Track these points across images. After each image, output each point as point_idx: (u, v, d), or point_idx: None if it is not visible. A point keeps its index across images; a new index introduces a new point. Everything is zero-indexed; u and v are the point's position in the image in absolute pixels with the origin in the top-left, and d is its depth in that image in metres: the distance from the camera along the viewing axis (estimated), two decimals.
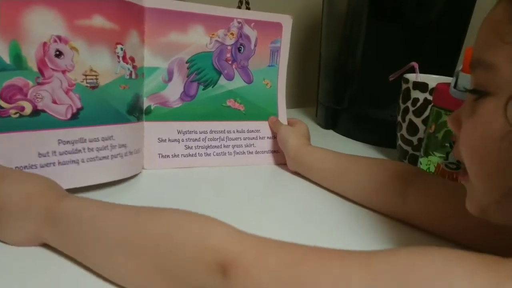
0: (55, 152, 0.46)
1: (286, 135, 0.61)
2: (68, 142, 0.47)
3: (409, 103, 0.67)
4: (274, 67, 0.66)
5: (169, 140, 0.59)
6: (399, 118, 0.70)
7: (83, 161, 0.49)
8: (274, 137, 0.66)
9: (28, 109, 0.45)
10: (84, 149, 0.49)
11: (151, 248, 0.31)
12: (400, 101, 0.69)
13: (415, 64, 0.68)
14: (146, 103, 0.58)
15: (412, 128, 0.67)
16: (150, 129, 0.58)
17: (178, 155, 0.60)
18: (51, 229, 0.36)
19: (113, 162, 0.51)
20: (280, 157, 0.65)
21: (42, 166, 0.45)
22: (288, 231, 0.45)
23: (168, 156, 0.59)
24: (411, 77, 0.69)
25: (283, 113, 0.67)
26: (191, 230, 0.31)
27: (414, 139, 0.67)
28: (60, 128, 0.47)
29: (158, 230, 0.32)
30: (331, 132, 0.88)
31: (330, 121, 0.89)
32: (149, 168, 0.58)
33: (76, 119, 0.48)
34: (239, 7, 0.87)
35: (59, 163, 0.47)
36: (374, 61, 0.80)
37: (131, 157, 0.54)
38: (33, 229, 0.37)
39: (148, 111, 0.58)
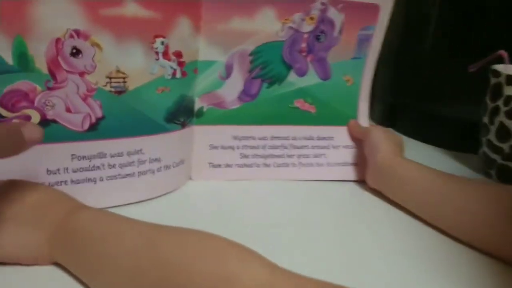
0: (67, 169, 0.39)
1: (380, 139, 0.49)
2: (83, 157, 0.40)
3: (500, 102, 0.53)
4: (359, 60, 0.52)
5: (222, 147, 0.50)
6: (486, 120, 0.56)
7: (101, 180, 0.41)
8: (353, 146, 0.54)
9: (35, 118, 0.37)
10: (103, 165, 0.41)
11: (168, 280, 0.26)
12: (488, 98, 0.56)
13: (503, 53, 0.54)
14: (198, 104, 0.47)
15: (503, 133, 0.54)
16: (201, 134, 0.48)
17: (231, 165, 0.50)
18: (60, 247, 0.31)
19: (140, 180, 0.43)
20: (357, 172, 0.53)
21: (51, 185, 0.39)
22: (362, 271, 0.35)
23: (219, 165, 0.50)
24: (503, 69, 0.54)
25: (364, 118, 0.54)
26: (218, 263, 0.26)
27: (506, 146, 0.54)
28: (74, 141, 0.39)
29: (177, 260, 0.27)
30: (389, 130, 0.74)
31: (389, 118, 0.75)
32: (197, 179, 0.49)
33: (95, 130, 0.40)
34: None
35: (72, 181, 0.40)
36: (447, 47, 0.64)
37: (167, 172, 0.45)
38: (42, 244, 0.32)
39: (200, 113, 0.48)
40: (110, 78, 0.39)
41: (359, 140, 0.53)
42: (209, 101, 0.48)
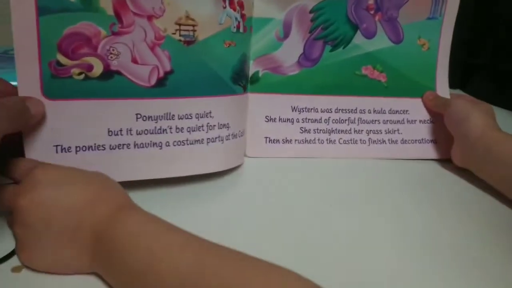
0: (131, 130, 0.34)
1: (466, 110, 0.41)
2: (150, 117, 0.35)
3: None
4: (436, 20, 0.45)
5: (280, 119, 0.44)
6: None
7: (167, 145, 0.36)
8: (431, 121, 0.46)
9: (98, 68, 0.33)
10: (170, 128, 0.36)
11: None
12: None
13: None
14: (252, 68, 0.42)
15: None
16: (256, 103, 0.43)
17: (291, 140, 0.44)
18: (100, 258, 0.25)
19: (209, 148, 0.38)
20: (439, 150, 0.45)
21: (112, 148, 0.33)
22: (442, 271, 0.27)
23: (277, 141, 0.44)
24: None
25: (444, 89, 0.47)
26: None
27: None
28: (140, 98, 0.34)
29: None
30: (458, 93, 0.63)
31: (460, 79, 0.65)
32: (252, 155, 0.43)
33: (162, 86, 0.35)
34: None
35: (135, 145, 0.34)
36: None
37: (234, 142, 0.40)
38: (80, 255, 0.25)
39: (255, 78, 0.43)
40: (180, 25, 0.35)
41: (438, 114, 0.45)
42: (265, 65, 0.43)
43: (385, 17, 0.44)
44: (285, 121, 0.44)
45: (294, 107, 0.44)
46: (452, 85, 0.65)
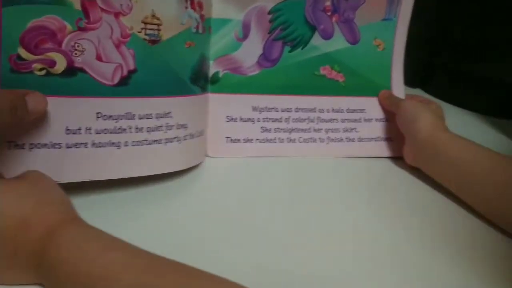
0: (90, 129, 0.33)
1: (415, 111, 0.43)
2: (110, 117, 0.34)
3: None
4: (391, 22, 0.47)
5: (241, 119, 0.44)
6: None
7: (126, 145, 0.35)
8: (387, 119, 0.47)
9: (61, 65, 0.32)
10: (130, 128, 0.35)
11: None
12: None
13: None
14: (212, 69, 0.43)
15: None
16: (217, 103, 0.43)
17: (252, 139, 0.45)
18: (43, 280, 0.24)
19: (167, 148, 0.38)
20: (394, 148, 0.47)
21: (69, 147, 0.33)
22: (400, 265, 0.28)
23: (238, 140, 0.44)
24: None
25: (399, 88, 0.48)
26: None
27: None
28: (102, 96, 0.34)
29: None
30: (419, 91, 0.66)
31: (420, 77, 0.67)
32: (213, 155, 0.44)
33: (125, 85, 0.35)
34: None
35: (93, 144, 0.34)
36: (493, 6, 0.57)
37: (192, 142, 0.40)
38: (24, 276, 0.25)
39: (215, 79, 0.43)
40: (146, 23, 0.35)
41: (392, 112, 0.47)
42: (225, 66, 0.43)
43: (342, 18, 0.45)
44: (246, 120, 0.45)
45: (255, 107, 0.45)
46: (413, 84, 0.67)
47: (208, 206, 0.36)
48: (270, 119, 0.45)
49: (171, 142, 0.38)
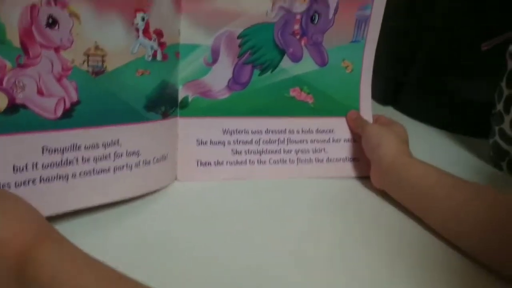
0: (36, 164, 0.33)
1: (378, 136, 0.44)
2: (55, 150, 0.34)
3: None
4: (359, 44, 0.48)
5: (211, 142, 0.45)
6: (500, 107, 0.51)
7: (74, 177, 0.35)
8: (354, 140, 0.48)
9: (3, 103, 0.32)
10: (77, 159, 0.36)
11: None
12: (504, 84, 0.50)
13: None
14: (182, 93, 0.43)
15: None
16: (187, 127, 0.43)
17: (222, 162, 0.45)
18: None
19: (117, 176, 0.38)
20: (361, 168, 0.48)
21: (18, 185, 0.33)
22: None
23: (209, 164, 0.45)
24: None
25: (367, 108, 0.49)
26: None
27: None
28: (45, 130, 0.34)
29: None
30: (390, 109, 0.68)
31: (390, 95, 0.69)
32: (183, 180, 0.44)
33: (68, 117, 0.35)
34: None
35: (41, 180, 0.34)
36: (458, 19, 0.58)
37: (146, 168, 0.40)
38: None
39: (185, 103, 0.43)
40: (88, 55, 0.35)
41: (359, 134, 0.48)
42: (195, 90, 0.43)
43: (310, 41, 0.46)
44: (216, 143, 0.45)
45: (225, 130, 0.45)
46: (384, 101, 0.69)
47: (174, 229, 0.36)
48: (240, 141, 0.46)
49: (120, 170, 0.38)
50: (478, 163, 0.54)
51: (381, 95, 0.70)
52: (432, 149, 0.55)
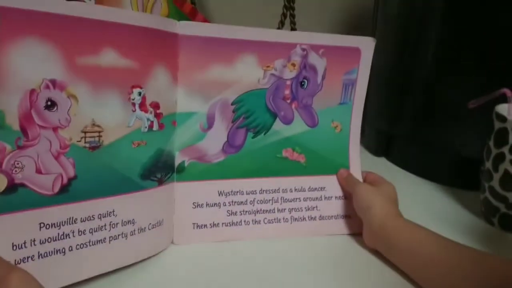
0: (34, 240, 0.34)
1: (369, 198, 0.45)
2: (53, 225, 0.35)
3: (505, 149, 0.49)
4: (346, 105, 0.50)
5: (207, 205, 0.45)
6: (489, 165, 0.52)
7: (70, 250, 0.36)
8: (346, 197, 0.50)
9: (2, 184, 0.32)
10: (73, 232, 0.36)
11: None
12: (492, 143, 0.51)
13: (507, 92, 0.50)
14: (178, 159, 0.44)
15: (508, 181, 0.50)
16: (183, 191, 0.44)
17: (218, 224, 0.46)
18: None
19: (112, 245, 0.39)
20: (353, 225, 0.49)
21: (17, 263, 0.33)
22: None
23: (205, 226, 0.45)
24: (508, 112, 0.50)
25: (356, 166, 0.51)
26: None
27: (510, 195, 0.50)
28: (43, 207, 0.34)
29: None
30: (382, 160, 0.70)
31: (382, 146, 0.71)
32: (180, 243, 0.44)
33: (65, 192, 0.35)
34: (282, 23, 0.70)
35: (39, 255, 0.34)
36: (447, 76, 0.60)
37: (141, 236, 0.40)
38: None
39: (181, 168, 0.44)
40: (85, 132, 0.36)
41: (349, 192, 0.49)
42: (191, 155, 0.44)
43: (300, 105, 0.48)
44: (212, 205, 0.46)
45: (221, 192, 0.46)
46: (377, 153, 0.71)
47: None
48: (235, 202, 0.47)
49: (116, 239, 0.39)
50: (470, 217, 0.55)
51: (373, 147, 0.72)
52: (424, 202, 0.57)
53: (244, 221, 0.47)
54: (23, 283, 0.27)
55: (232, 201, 0.46)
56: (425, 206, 0.56)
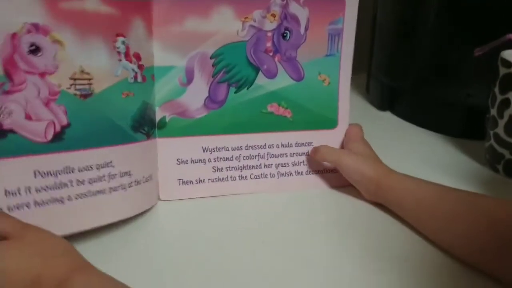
0: (29, 188, 0.35)
1: (357, 169, 0.44)
2: (48, 173, 0.35)
3: (510, 95, 0.49)
4: (334, 57, 0.48)
5: (191, 161, 0.45)
6: (494, 112, 0.51)
7: (69, 199, 0.37)
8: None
9: None
10: (71, 182, 0.37)
11: None
12: (497, 89, 0.50)
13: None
14: (159, 114, 0.44)
15: None
16: (166, 147, 0.44)
17: (204, 180, 0.46)
18: None
19: (112, 197, 0.39)
20: (339, 178, 0.48)
21: (10, 209, 0.34)
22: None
23: (190, 182, 0.46)
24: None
25: (345, 120, 0.50)
26: None
27: None
28: (37, 154, 0.35)
29: None
30: (388, 114, 0.68)
31: (387, 101, 0.70)
32: (166, 199, 0.45)
33: (60, 140, 0.36)
34: None
35: (35, 203, 0.35)
36: (452, 26, 0.59)
37: (138, 188, 0.41)
38: None
39: (162, 124, 0.44)
40: (75, 79, 0.36)
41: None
42: (171, 111, 0.44)
43: (284, 57, 0.47)
44: (197, 162, 0.46)
45: (205, 148, 0.46)
46: (382, 107, 0.70)
47: (161, 250, 0.37)
48: (221, 158, 0.46)
49: (115, 190, 0.39)
50: (475, 166, 0.54)
51: (378, 101, 0.71)
52: (430, 153, 0.56)
53: (231, 177, 0.47)
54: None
55: (218, 157, 0.46)
56: (430, 157, 0.55)
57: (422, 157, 0.54)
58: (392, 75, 0.68)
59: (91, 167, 0.38)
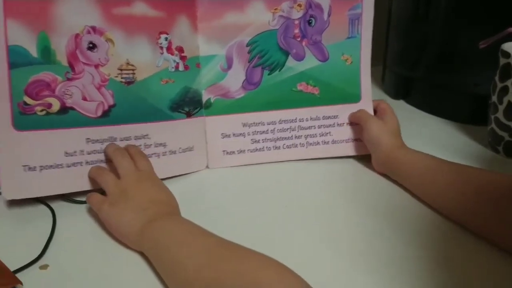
0: (82, 151, 0.45)
1: (377, 134, 0.51)
2: (97, 140, 0.46)
3: (509, 83, 0.53)
4: (355, 39, 0.54)
5: (233, 135, 0.54)
6: (495, 98, 0.56)
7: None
8: (355, 123, 0.55)
9: (56, 106, 0.43)
10: None
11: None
12: (497, 78, 0.55)
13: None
14: (205, 96, 0.52)
15: (511, 111, 0.53)
16: (212, 124, 0.53)
17: (244, 150, 0.54)
18: (144, 243, 0.37)
19: None
20: (361, 147, 0.55)
21: (68, 166, 0.44)
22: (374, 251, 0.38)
23: (233, 152, 0.54)
24: (511, 48, 0.53)
25: (368, 95, 0.56)
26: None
27: None
28: (89, 126, 0.45)
29: (232, 277, 0.30)
30: (401, 103, 0.73)
31: (401, 90, 0.74)
32: (213, 167, 0.53)
33: (107, 116, 0.46)
34: None
35: (86, 162, 0.45)
36: (462, 19, 0.63)
37: (172, 157, 0.50)
38: (137, 228, 0.38)
39: (208, 104, 0.52)
40: (121, 70, 0.46)
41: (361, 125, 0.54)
42: (215, 93, 0.52)
43: (310, 41, 0.53)
44: (238, 135, 0.54)
45: (245, 123, 0.54)
46: (396, 96, 0.75)
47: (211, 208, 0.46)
48: (258, 132, 0.54)
49: (149, 157, 0.47)
50: (479, 148, 0.59)
51: (392, 90, 0.76)
52: (439, 138, 0.61)
53: (266, 147, 0.54)
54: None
55: (255, 131, 0.54)
56: (439, 141, 0.60)
57: (431, 140, 0.59)
58: (406, 66, 0.73)
59: (130, 138, 0.47)
